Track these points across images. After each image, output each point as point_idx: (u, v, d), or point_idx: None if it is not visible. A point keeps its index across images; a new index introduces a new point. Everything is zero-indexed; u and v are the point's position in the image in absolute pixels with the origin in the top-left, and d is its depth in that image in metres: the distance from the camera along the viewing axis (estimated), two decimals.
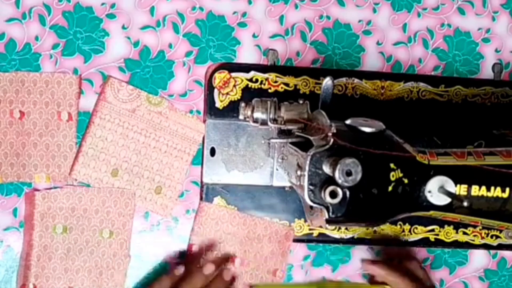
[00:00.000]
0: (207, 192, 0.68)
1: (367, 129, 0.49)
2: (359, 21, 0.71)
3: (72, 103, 0.66)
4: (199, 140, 0.68)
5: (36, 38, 0.66)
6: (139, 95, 0.67)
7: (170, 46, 0.68)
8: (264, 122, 0.59)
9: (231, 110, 0.67)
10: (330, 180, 0.46)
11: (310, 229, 0.69)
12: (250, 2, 0.69)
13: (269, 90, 0.67)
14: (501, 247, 0.72)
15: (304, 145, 0.53)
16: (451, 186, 0.50)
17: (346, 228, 0.70)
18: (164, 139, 0.67)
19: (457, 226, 0.70)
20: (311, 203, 0.48)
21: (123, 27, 0.67)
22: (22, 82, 0.65)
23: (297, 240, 0.69)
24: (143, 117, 0.67)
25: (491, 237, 0.71)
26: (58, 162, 0.66)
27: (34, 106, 0.65)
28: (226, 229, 0.67)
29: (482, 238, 0.71)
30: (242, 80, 0.67)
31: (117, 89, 0.66)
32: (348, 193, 0.47)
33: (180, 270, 0.65)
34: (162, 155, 0.67)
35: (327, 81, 0.56)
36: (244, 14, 0.69)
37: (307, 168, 0.47)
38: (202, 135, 0.68)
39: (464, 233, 0.71)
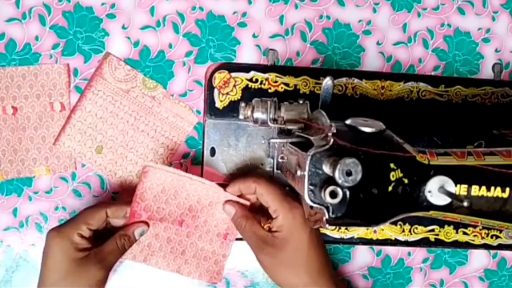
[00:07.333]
0: None
1: (367, 129, 0.49)
2: (359, 21, 0.71)
3: (63, 92, 0.66)
4: (188, 131, 0.68)
5: (36, 38, 0.66)
6: (135, 77, 0.67)
7: (170, 46, 0.68)
8: (264, 122, 0.59)
9: (231, 110, 0.67)
10: (330, 180, 0.46)
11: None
12: (250, 2, 0.69)
13: (269, 90, 0.67)
14: (501, 247, 0.72)
15: (304, 145, 0.53)
16: (451, 186, 0.50)
17: (346, 228, 0.70)
18: (153, 124, 0.67)
19: (457, 226, 0.70)
20: (311, 203, 0.48)
21: (123, 27, 0.67)
22: (11, 77, 0.65)
23: None
24: (136, 99, 0.67)
25: (491, 237, 0.71)
26: (57, 153, 0.66)
27: (26, 100, 0.66)
28: (174, 193, 0.65)
29: (482, 238, 0.71)
30: (242, 80, 0.67)
31: (114, 67, 0.66)
32: (348, 193, 0.47)
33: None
34: (149, 140, 0.67)
35: (327, 81, 0.56)
36: (244, 14, 0.69)
37: (307, 168, 0.47)
38: (192, 126, 0.68)
39: (464, 233, 0.71)
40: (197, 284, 0.70)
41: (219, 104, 0.67)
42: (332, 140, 0.47)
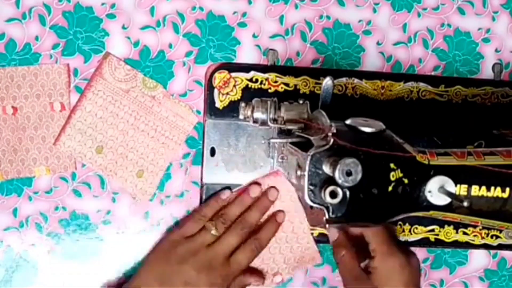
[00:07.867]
0: (207, 193, 0.68)
1: (367, 129, 0.49)
2: (359, 21, 0.71)
3: (63, 92, 0.66)
4: (189, 131, 0.68)
5: (36, 38, 0.66)
6: (135, 76, 0.67)
7: (170, 46, 0.68)
8: (264, 122, 0.59)
9: (231, 110, 0.67)
10: (330, 180, 0.46)
11: (310, 229, 0.69)
12: (250, 2, 0.69)
13: (269, 90, 0.67)
14: (501, 247, 0.72)
15: (304, 145, 0.53)
16: (451, 186, 0.50)
17: None
18: (153, 124, 0.67)
19: (457, 226, 0.70)
20: (311, 203, 0.48)
21: (123, 27, 0.67)
22: (11, 77, 0.65)
23: None
24: (136, 98, 0.67)
25: (491, 237, 0.71)
26: (57, 153, 0.67)
27: (26, 100, 0.66)
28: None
29: (482, 238, 0.71)
30: (242, 80, 0.67)
31: (114, 67, 0.66)
32: (348, 193, 0.47)
33: (226, 194, 0.66)
34: (149, 140, 0.67)
35: (327, 81, 0.56)
36: (244, 14, 0.69)
37: (307, 168, 0.47)
38: (192, 126, 0.68)
39: (464, 233, 0.71)
40: None
41: (219, 104, 0.67)
42: (332, 140, 0.47)
